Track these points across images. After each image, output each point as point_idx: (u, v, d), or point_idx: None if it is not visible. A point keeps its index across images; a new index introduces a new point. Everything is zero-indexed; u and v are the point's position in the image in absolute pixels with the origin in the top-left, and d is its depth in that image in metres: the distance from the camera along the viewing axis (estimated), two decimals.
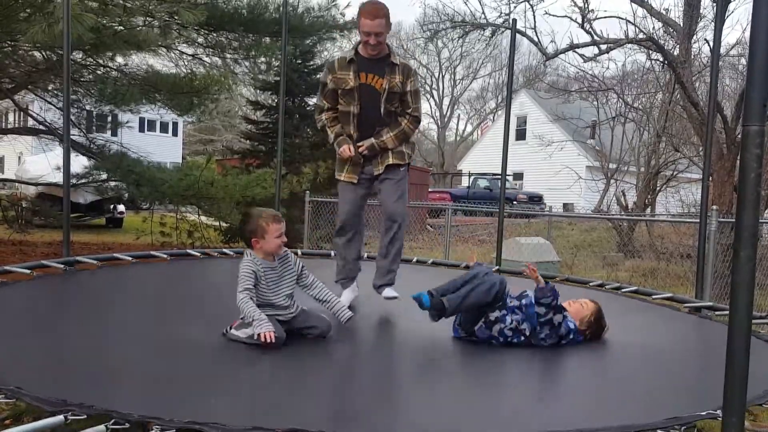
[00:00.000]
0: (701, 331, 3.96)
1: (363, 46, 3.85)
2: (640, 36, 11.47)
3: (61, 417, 1.88)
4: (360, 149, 3.95)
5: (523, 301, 3.24)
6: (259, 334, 2.87)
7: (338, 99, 3.96)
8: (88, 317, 3.48)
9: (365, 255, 5.75)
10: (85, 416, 1.91)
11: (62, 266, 4.55)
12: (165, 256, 5.52)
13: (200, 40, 9.50)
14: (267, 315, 2.99)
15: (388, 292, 4.11)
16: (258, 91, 13.96)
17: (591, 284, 5.16)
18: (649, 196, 14.87)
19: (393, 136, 3.95)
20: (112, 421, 1.87)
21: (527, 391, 2.67)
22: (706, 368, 3.02)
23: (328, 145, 4.17)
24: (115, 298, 4.11)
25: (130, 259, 5.12)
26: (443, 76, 40.94)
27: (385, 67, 3.88)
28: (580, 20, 11.22)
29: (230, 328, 3.09)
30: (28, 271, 4.27)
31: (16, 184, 14.14)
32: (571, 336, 3.23)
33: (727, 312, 1.70)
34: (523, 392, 2.66)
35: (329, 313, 3.31)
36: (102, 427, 1.83)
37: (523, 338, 3.17)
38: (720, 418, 1.88)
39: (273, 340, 2.86)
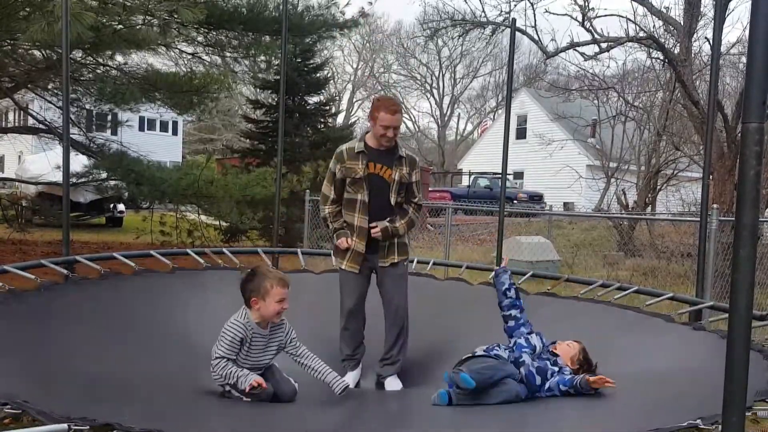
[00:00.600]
0: (695, 343, 3.91)
1: (377, 139, 3.97)
2: (641, 34, 11.46)
3: (64, 425, 1.88)
4: (373, 231, 3.99)
5: (522, 370, 3.26)
6: (245, 388, 2.72)
7: (345, 188, 4.05)
8: (91, 331, 3.45)
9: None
10: (88, 427, 1.91)
11: (65, 272, 4.50)
12: (167, 262, 5.43)
13: (200, 38, 9.51)
14: None
15: (392, 383, 4.07)
16: (258, 89, 13.97)
17: (592, 286, 5.09)
18: (649, 195, 14.87)
19: (404, 223, 4.09)
20: None
21: (518, 405, 2.68)
22: (696, 380, 3.01)
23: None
24: (118, 312, 4.06)
25: (132, 265, 5.05)
26: (443, 75, 41.00)
27: (394, 159, 4.02)
28: (580, 18, 11.23)
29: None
30: (32, 276, 4.22)
31: (16, 183, 14.15)
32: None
33: (727, 315, 1.69)
34: (514, 406, 2.67)
35: (305, 379, 3.06)
36: None
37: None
38: (701, 426, 1.91)
39: (263, 384, 2.74)
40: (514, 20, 6.50)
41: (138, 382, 2.59)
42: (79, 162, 10.00)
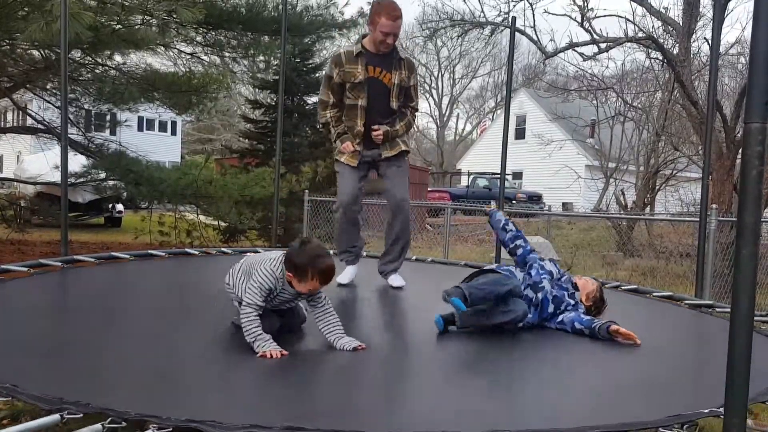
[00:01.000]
0: (703, 326, 3.95)
1: (376, 44, 3.96)
2: (640, 35, 11.46)
3: (56, 416, 1.86)
4: (376, 133, 4.06)
5: (539, 295, 3.28)
6: (258, 353, 2.69)
7: (344, 93, 4.06)
8: (85, 315, 3.46)
9: (365, 253, 5.83)
10: (82, 415, 1.89)
11: (60, 264, 4.54)
12: (163, 254, 5.51)
13: (199, 38, 9.49)
14: None
15: (396, 279, 4.28)
16: (257, 90, 13.96)
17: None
18: (648, 195, 14.86)
19: (404, 124, 4.18)
20: (109, 419, 1.85)
21: (527, 388, 2.65)
22: (707, 364, 3.01)
23: (329, 143, 4.25)
24: (112, 295, 4.10)
25: (128, 257, 5.11)
26: (442, 75, 40.99)
27: (393, 62, 4.03)
28: (579, 19, 11.23)
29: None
30: (25, 269, 4.26)
31: (15, 183, 14.12)
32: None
33: (728, 310, 1.69)
34: (523, 388, 2.65)
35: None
36: (98, 425, 1.81)
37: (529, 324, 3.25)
38: (723, 416, 1.87)
39: (280, 356, 2.67)
40: (514, 19, 6.50)
41: (133, 364, 2.58)
42: (77, 162, 9.98)
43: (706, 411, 2.14)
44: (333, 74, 4.03)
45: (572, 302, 3.33)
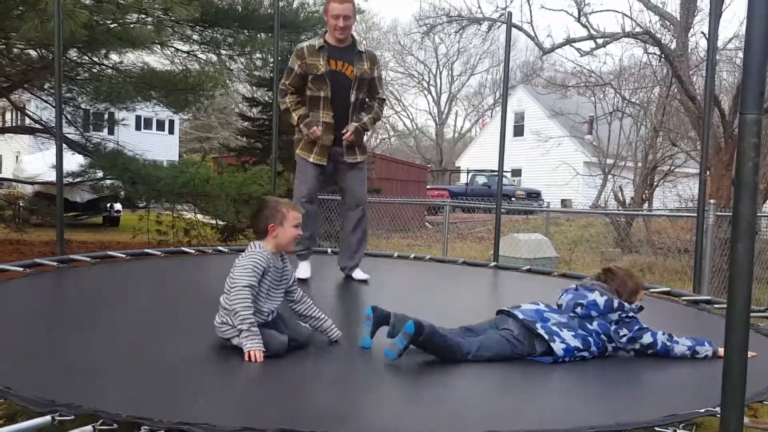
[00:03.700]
0: (699, 323, 3.94)
1: (331, 32, 4.12)
2: (637, 30, 11.43)
3: (48, 417, 1.85)
4: (346, 136, 4.18)
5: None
6: (246, 352, 2.62)
7: (305, 84, 4.19)
8: (79, 315, 3.45)
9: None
10: (73, 417, 1.88)
11: (56, 264, 4.53)
12: (159, 253, 5.50)
13: (195, 36, 9.46)
14: None
15: (359, 273, 4.46)
16: (253, 87, 13.92)
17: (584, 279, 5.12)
18: (646, 191, 14.84)
19: (371, 118, 4.30)
20: (100, 421, 1.84)
21: (525, 388, 2.64)
22: (705, 362, 2.99)
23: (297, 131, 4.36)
24: (106, 295, 4.08)
25: (123, 256, 5.10)
26: (440, 72, 40.94)
27: (354, 55, 4.18)
28: (576, 14, 11.20)
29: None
30: (21, 269, 4.25)
31: (13, 183, 14.10)
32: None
33: (725, 305, 1.67)
34: (520, 389, 2.63)
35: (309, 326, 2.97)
36: (89, 427, 1.80)
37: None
38: (719, 415, 1.85)
39: (259, 360, 2.61)
40: (510, 15, 6.48)
41: (126, 365, 2.56)
42: (75, 161, 9.96)
43: (702, 410, 2.13)
44: (295, 66, 4.16)
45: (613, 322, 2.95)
